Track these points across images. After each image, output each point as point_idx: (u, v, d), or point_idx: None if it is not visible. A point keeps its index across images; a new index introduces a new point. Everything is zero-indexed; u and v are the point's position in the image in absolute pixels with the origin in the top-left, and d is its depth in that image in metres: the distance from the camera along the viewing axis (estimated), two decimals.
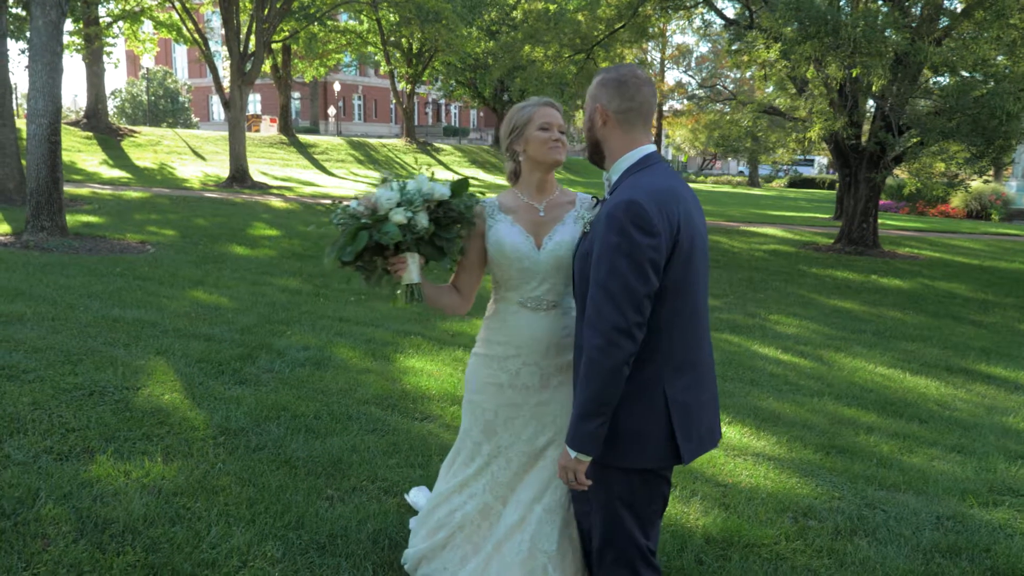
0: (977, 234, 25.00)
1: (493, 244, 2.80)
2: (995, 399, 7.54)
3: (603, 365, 2.29)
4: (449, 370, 6.49)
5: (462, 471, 2.95)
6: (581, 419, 2.34)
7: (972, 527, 4.29)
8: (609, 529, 2.48)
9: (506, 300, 2.85)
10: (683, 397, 2.40)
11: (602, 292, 2.31)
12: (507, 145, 2.86)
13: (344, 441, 4.54)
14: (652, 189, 2.36)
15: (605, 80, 2.56)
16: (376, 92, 62.18)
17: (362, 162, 37.49)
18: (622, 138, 2.53)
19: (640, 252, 2.27)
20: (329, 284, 10.44)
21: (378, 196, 2.71)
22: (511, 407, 2.84)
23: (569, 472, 2.42)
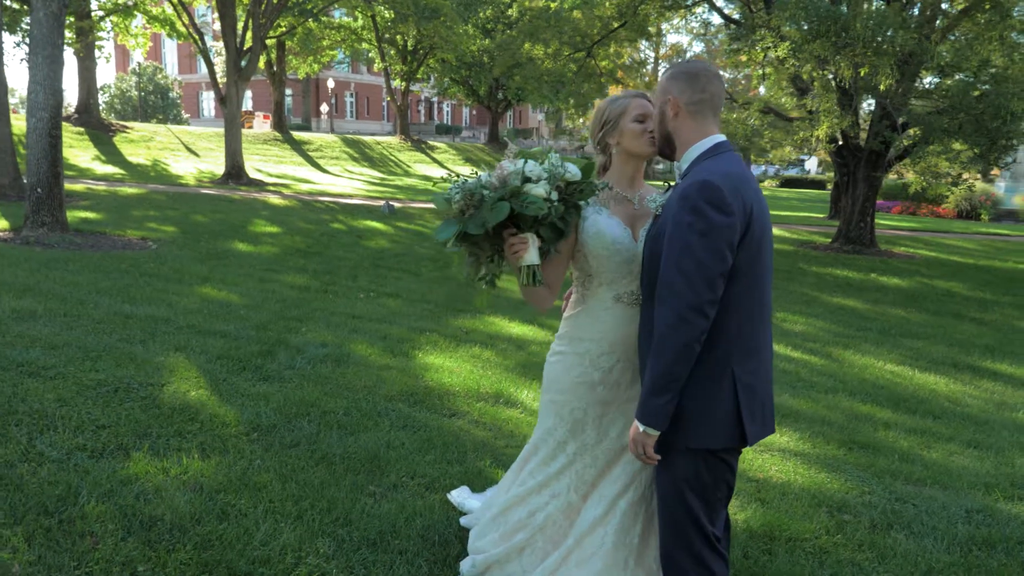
0: (969, 234, 25.19)
1: (592, 236, 2.75)
2: (1003, 395, 7.59)
3: (675, 341, 2.31)
4: (469, 367, 6.48)
5: (541, 471, 2.91)
6: (651, 393, 2.38)
7: (1002, 520, 4.32)
8: (674, 513, 2.49)
9: (598, 295, 2.80)
10: (750, 379, 2.43)
11: (675, 270, 2.33)
12: (599, 138, 2.84)
13: (377, 437, 4.52)
14: (726, 172, 2.40)
15: (676, 74, 2.58)
16: (369, 89, 61.99)
17: (356, 159, 37.37)
18: (693, 128, 2.55)
19: (715, 230, 2.30)
20: (337, 281, 10.41)
21: (515, 168, 2.61)
22: (601, 404, 2.82)
23: (639, 445, 2.46)
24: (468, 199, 2.59)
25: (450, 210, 2.67)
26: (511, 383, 6.11)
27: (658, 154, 2.71)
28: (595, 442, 2.82)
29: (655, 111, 2.64)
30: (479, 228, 2.56)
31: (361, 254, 13.02)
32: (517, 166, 2.61)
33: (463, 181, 2.66)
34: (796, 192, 47.94)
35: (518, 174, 2.57)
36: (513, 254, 2.62)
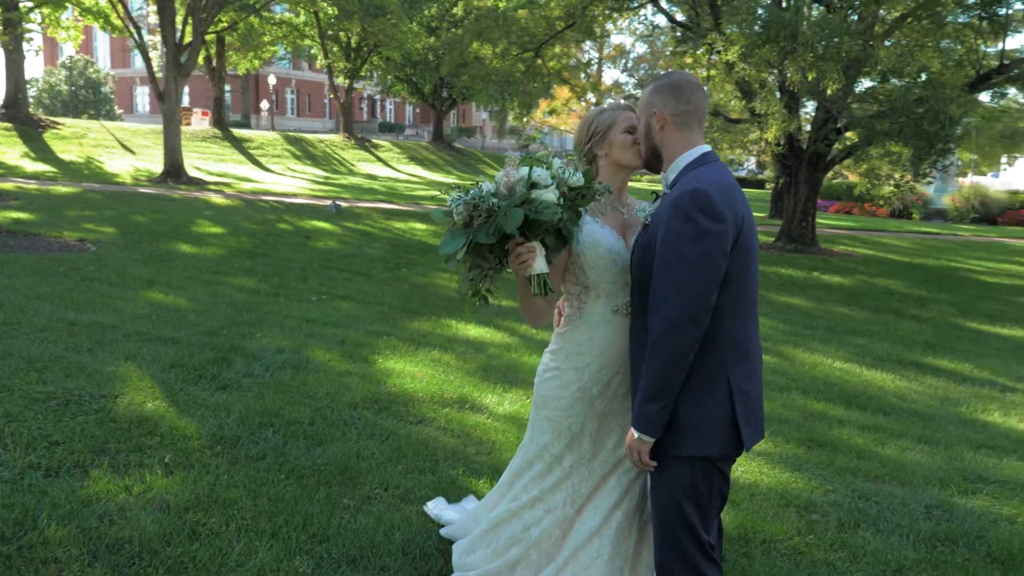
0: (903, 232, 26.01)
1: (589, 245, 2.72)
2: (946, 390, 7.83)
3: (669, 349, 2.32)
4: (430, 371, 6.41)
5: (536, 485, 2.87)
6: (645, 401, 2.39)
7: (960, 515, 4.44)
8: (669, 522, 2.49)
9: (596, 308, 2.77)
10: (744, 385, 2.44)
11: (667, 278, 2.34)
12: (587, 149, 2.82)
13: (346, 448, 4.43)
14: (716, 180, 2.42)
15: (659, 87, 2.59)
16: (310, 86, 61.05)
17: (299, 158, 36.78)
18: (680, 139, 2.57)
19: (707, 238, 2.31)
20: (287, 284, 10.21)
21: (521, 175, 2.55)
22: (599, 417, 2.80)
23: (634, 452, 2.47)
24: (472, 210, 2.52)
25: (452, 223, 2.59)
26: (474, 387, 6.07)
27: (645, 167, 2.71)
28: (591, 455, 2.80)
29: (640, 125, 2.64)
30: (492, 237, 2.49)
31: (310, 255, 12.80)
32: (522, 173, 2.57)
33: (464, 192, 2.59)
34: None
35: (525, 180, 2.53)
36: (521, 264, 2.56)
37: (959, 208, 31.51)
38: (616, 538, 2.73)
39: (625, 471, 2.78)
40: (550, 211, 2.48)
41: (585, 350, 2.76)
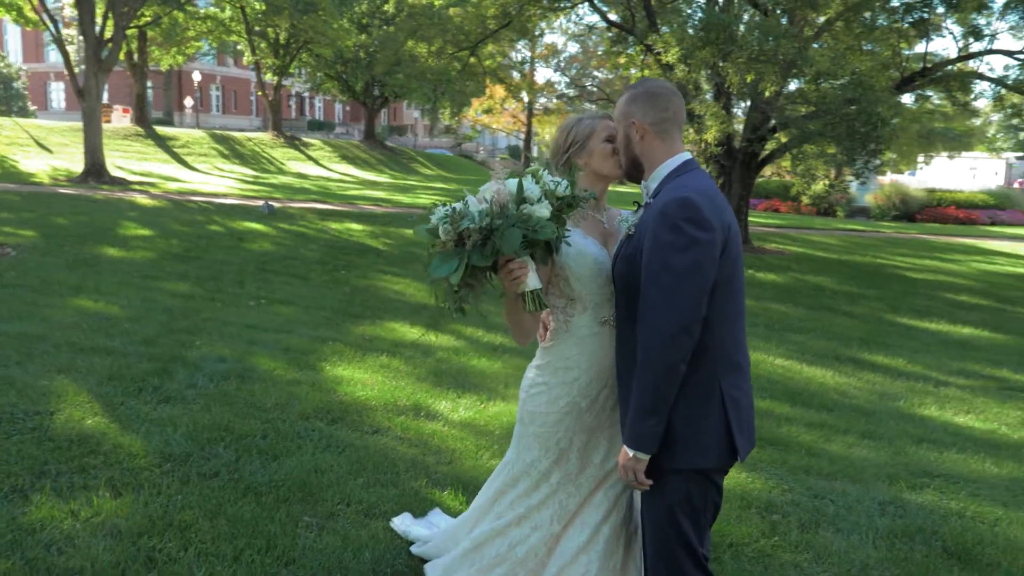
0: (829, 230, 26.78)
1: (574, 257, 2.65)
2: (883, 386, 8.05)
3: (661, 362, 2.28)
4: (380, 378, 6.27)
5: (522, 503, 2.79)
6: (639, 417, 2.34)
7: (912, 511, 4.54)
8: (664, 537, 2.44)
9: (583, 320, 2.70)
10: (736, 394, 2.42)
11: (657, 289, 2.29)
12: (566, 159, 2.75)
13: (302, 462, 4.28)
14: (702, 188, 2.39)
15: (635, 96, 2.55)
16: (236, 83, 59.53)
17: (227, 156, 35.83)
18: (661, 148, 2.53)
19: (696, 247, 2.28)
20: (222, 288, 9.89)
21: (511, 190, 2.45)
22: (587, 432, 2.74)
23: (629, 471, 2.41)
24: (463, 228, 2.41)
25: (439, 243, 2.47)
26: (427, 394, 5.95)
27: (625, 177, 2.66)
28: (578, 471, 2.73)
29: (619, 136, 2.60)
30: (487, 259, 2.40)
31: (244, 258, 12.44)
32: (510, 187, 2.47)
33: (450, 209, 2.48)
34: None
35: (516, 196, 2.44)
36: (514, 280, 2.47)
37: (881, 206, 32.60)
38: (604, 553, 2.68)
39: (612, 484, 2.73)
40: (548, 229, 2.41)
41: (574, 364, 2.70)
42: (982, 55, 15.25)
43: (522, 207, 2.42)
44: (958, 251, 22.21)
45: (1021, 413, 7.15)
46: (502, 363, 7.37)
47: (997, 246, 24.38)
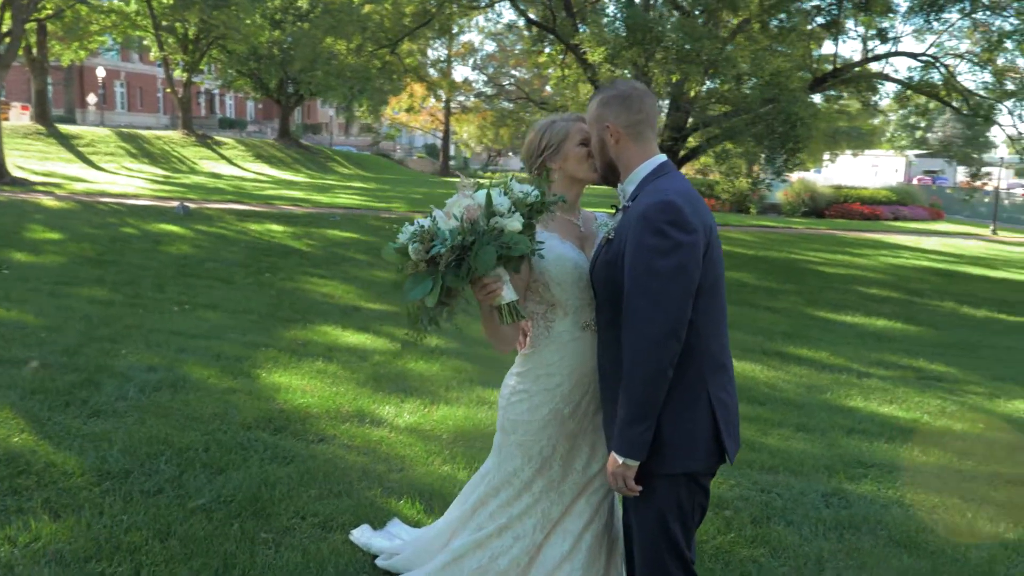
0: (744, 226, 27.57)
1: (553, 262, 2.60)
2: (810, 378, 8.31)
3: (649, 367, 2.26)
4: (319, 384, 6.11)
5: (504, 513, 2.72)
6: (628, 424, 2.31)
7: (854, 502, 4.68)
8: (654, 543, 2.43)
9: (562, 326, 2.66)
10: (723, 395, 2.42)
11: (642, 294, 2.28)
12: (540, 163, 2.70)
13: (249, 474, 4.12)
14: (682, 191, 2.38)
15: (607, 99, 2.53)
16: (142, 79, 57.25)
17: (135, 156, 34.46)
18: (636, 150, 2.52)
19: (679, 250, 2.27)
20: (142, 293, 9.50)
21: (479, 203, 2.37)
22: (570, 438, 2.69)
23: (618, 479, 2.38)
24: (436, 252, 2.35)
25: (410, 264, 2.40)
26: (369, 400, 5.83)
27: (601, 181, 2.63)
28: (561, 478, 2.69)
29: (593, 140, 2.57)
30: (463, 280, 2.36)
31: (163, 261, 11.98)
32: (479, 199, 2.41)
33: (418, 227, 2.42)
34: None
35: (485, 209, 2.37)
36: (489, 295, 2.44)
37: (791, 202, 33.75)
38: (587, 561, 2.65)
39: (594, 491, 2.71)
40: (522, 244, 2.37)
41: (556, 370, 2.66)
42: (888, 57, 15.94)
43: (493, 220, 2.37)
44: (866, 246, 23.16)
45: (940, 402, 7.47)
46: (440, 365, 7.29)
47: (901, 240, 25.54)
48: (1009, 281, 17.72)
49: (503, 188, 2.45)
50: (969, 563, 3.82)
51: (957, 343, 11.01)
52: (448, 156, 58.06)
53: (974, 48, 16.09)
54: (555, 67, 21.50)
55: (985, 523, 4.42)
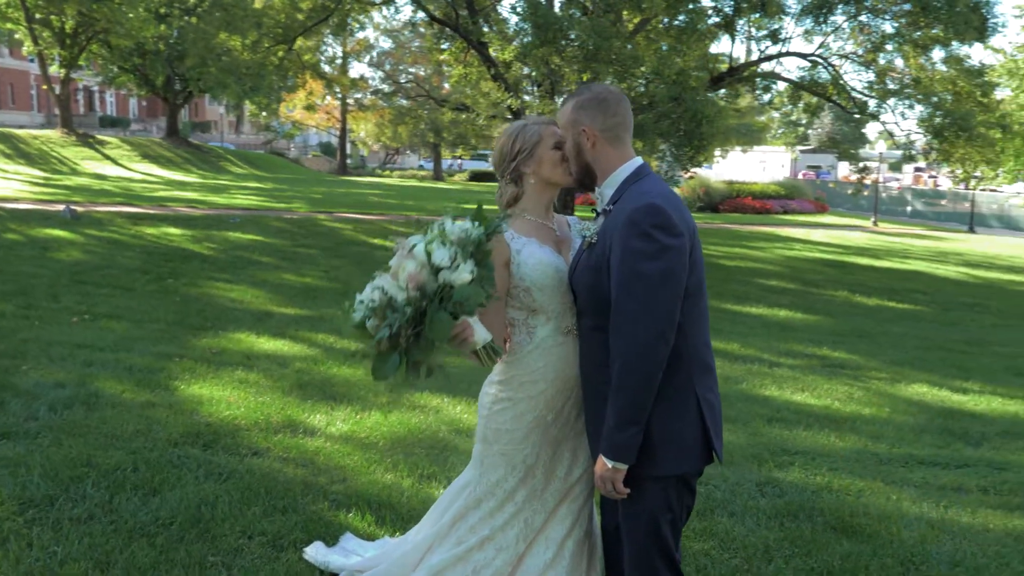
0: None
1: (534, 267, 2.57)
2: (724, 369, 8.54)
3: (639, 371, 2.26)
4: (243, 395, 5.88)
5: (486, 524, 2.66)
6: (617, 428, 2.31)
7: (788, 489, 4.83)
8: (644, 546, 2.43)
9: (545, 332, 2.62)
10: (709, 396, 2.45)
11: (630, 299, 2.28)
12: (513, 167, 2.65)
13: (186, 494, 3.91)
14: (664, 193, 2.40)
15: (582, 103, 2.52)
16: (13, 75, 53.72)
17: (10, 156, 32.34)
18: (614, 154, 2.51)
19: (667, 253, 2.27)
20: (35, 304, 8.93)
21: (419, 265, 2.29)
22: (553, 445, 2.65)
23: (607, 482, 2.37)
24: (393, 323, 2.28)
25: (372, 345, 2.35)
26: (298, 408, 5.66)
27: (576, 186, 2.61)
28: (543, 486, 2.65)
29: (568, 144, 2.55)
30: (427, 351, 2.33)
31: (55, 269, 11.29)
32: (418, 256, 2.33)
33: (369, 300, 2.35)
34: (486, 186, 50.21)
35: (430, 270, 2.30)
36: (461, 343, 2.41)
37: (687, 197, 34.69)
38: (569, 568, 2.63)
39: (575, 497, 2.68)
40: (475, 297, 2.31)
41: (540, 376, 2.62)
42: (779, 57, 16.60)
43: (440, 276, 2.32)
44: (761, 239, 24.06)
45: (847, 388, 7.82)
46: (364, 370, 7.14)
47: (791, 233, 26.65)
48: (894, 270, 18.76)
49: (440, 238, 2.37)
50: (904, 544, 3.99)
51: (854, 331, 11.56)
52: (345, 154, 57.05)
53: (858, 49, 16.94)
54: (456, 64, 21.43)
55: (910, 504, 4.64)
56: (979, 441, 6.40)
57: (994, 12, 15.22)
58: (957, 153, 17.04)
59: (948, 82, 15.84)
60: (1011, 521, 4.46)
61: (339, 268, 13.68)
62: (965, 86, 15.69)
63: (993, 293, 16.41)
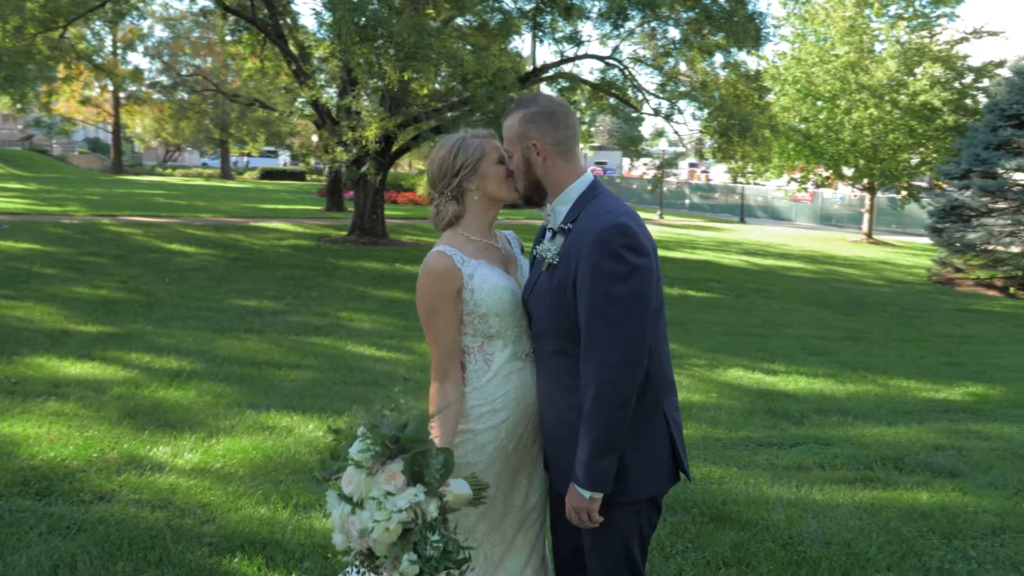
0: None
1: (489, 292, 2.41)
2: None
3: (617, 397, 2.20)
4: (63, 429, 5.22)
5: None
6: (595, 457, 2.22)
7: None
8: (618, 569, 2.37)
9: (502, 358, 2.47)
10: (675, 414, 2.43)
11: (604, 323, 2.21)
12: (456, 184, 2.46)
13: (34, 556, 3.36)
14: (627, 212, 2.34)
15: (532, 116, 2.41)
16: None
17: None
18: (565, 168, 2.43)
19: (637, 274, 2.22)
20: None
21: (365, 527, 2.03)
22: (512, 473, 2.50)
23: (583, 513, 2.28)
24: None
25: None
26: (134, 441, 5.10)
27: (523, 202, 2.49)
28: (502, 517, 2.50)
29: (516, 158, 2.43)
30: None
31: None
32: (364, 523, 2.05)
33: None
34: (280, 184, 48.29)
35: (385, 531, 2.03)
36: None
37: None
38: None
39: (531, 525, 2.57)
40: (434, 541, 2.05)
41: (501, 405, 2.46)
42: (580, 59, 17.26)
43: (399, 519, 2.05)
44: None
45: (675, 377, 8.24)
46: (196, 391, 6.62)
47: None
48: (687, 260, 20.10)
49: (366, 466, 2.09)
50: (778, 528, 4.23)
51: (668, 320, 12.24)
52: (120, 152, 52.58)
53: (648, 53, 17.98)
54: (251, 58, 20.40)
55: (767, 487, 4.94)
56: (800, 420, 6.97)
57: (767, 23, 16.71)
58: (738, 152, 18.59)
59: (730, 86, 17.20)
60: (854, 494, 4.88)
61: (138, 278, 12.58)
62: (745, 90, 17.10)
63: (774, 279, 18.05)
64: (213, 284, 12.70)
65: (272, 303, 11.47)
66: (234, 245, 17.35)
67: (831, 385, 8.47)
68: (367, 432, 2.10)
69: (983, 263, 18.67)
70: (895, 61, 24.55)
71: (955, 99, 24.56)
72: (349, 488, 2.07)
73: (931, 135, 25.05)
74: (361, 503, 2.06)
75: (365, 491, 2.05)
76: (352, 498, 2.06)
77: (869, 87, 24.69)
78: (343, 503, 2.08)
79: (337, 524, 2.13)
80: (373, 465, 2.07)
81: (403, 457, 2.08)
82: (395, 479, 2.04)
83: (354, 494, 2.06)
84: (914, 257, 24.24)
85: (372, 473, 2.06)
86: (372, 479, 2.06)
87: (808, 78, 25.41)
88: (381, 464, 2.08)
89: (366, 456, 2.07)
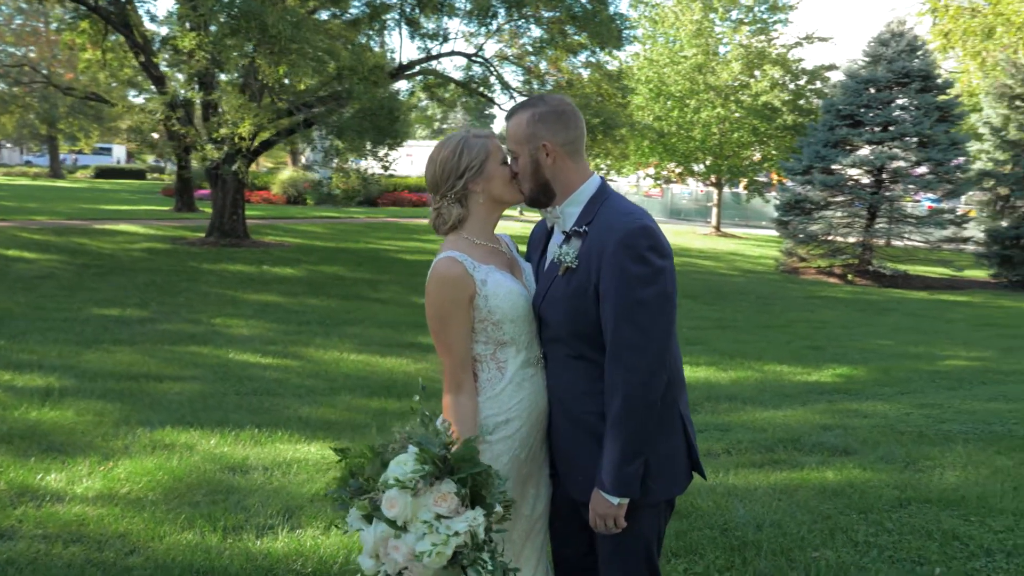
0: (309, 218, 27.57)
1: (504, 297, 2.32)
2: None
3: (645, 401, 2.19)
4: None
5: None
6: (624, 462, 2.19)
7: None
8: (639, 571, 2.35)
9: (515, 365, 2.39)
10: (688, 412, 2.43)
11: (632, 327, 2.18)
12: (461, 186, 2.35)
13: None
14: (645, 213, 2.33)
15: (541, 115, 2.35)
16: None
17: None
18: (575, 170, 2.38)
19: (661, 276, 2.21)
20: None
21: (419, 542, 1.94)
22: (522, 483, 2.42)
23: (609, 519, 2.25)
24: None
25: None
26: (21, 469, 4.65)
27: (530, 203, 2.42)
28: (511, 526, 2.41)
29: (523, 159, 2.36)
30: None
31: None
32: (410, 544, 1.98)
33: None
34: (118, 183, 45.23)
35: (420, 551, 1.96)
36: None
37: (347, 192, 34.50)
38: None
39: (537, 533, 2.50)
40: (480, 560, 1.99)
41: (515, 414, 2.37)
42: (448, 56, 17.21)
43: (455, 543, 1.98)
44: (427, 231, 24.78)
45: None
46: (74, 410, 6.13)
47: None
48: None
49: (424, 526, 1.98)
50: (711, 515, 4.35)
51: None
52: None
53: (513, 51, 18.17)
54: (91, 48, 19.03)
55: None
56: (695, 407, 7.25)
57: (627, 24, 17.27)
58: (598, 149, 19.15)
59: (595, 84, 17.65)
60: (768, 477, 5.12)
61: None
62: (608, 89, 17.60)
63: None
64: (66, 293, 11.76)
65: (137, 311, 10.76)
66: (81, 250, 16.12)
67: (714, 373, 8.87)
68: (418, 452, 1.99)
69: (823, 252, 20.14)
70: (739, 63, 26.01)
71: (792, 100, 26.34)
72: (393, 511, 1.95)
73: (772, 133, 26.72)
74: (405, 526, 1.95)
75: (412, 513, 1.94)
76: (396, 521, 1.95)
77: (716, 87, 26.05)
78: (380, 524, 1.96)
79: (369, 547, 2.00)
80: (419, 486, 1.96)
81: (455, 478, 1.98)
82: (446, 500, 1.95)
83: (399, 517, 1.95)
84: (760, 248, 25.80)
85: (417, 494, 1.95)
86: (418, 500, 1.95)
87: (660, 78, 26.49)
88: (429, 485, 1.97)
89: (415, 477, 1.95)
